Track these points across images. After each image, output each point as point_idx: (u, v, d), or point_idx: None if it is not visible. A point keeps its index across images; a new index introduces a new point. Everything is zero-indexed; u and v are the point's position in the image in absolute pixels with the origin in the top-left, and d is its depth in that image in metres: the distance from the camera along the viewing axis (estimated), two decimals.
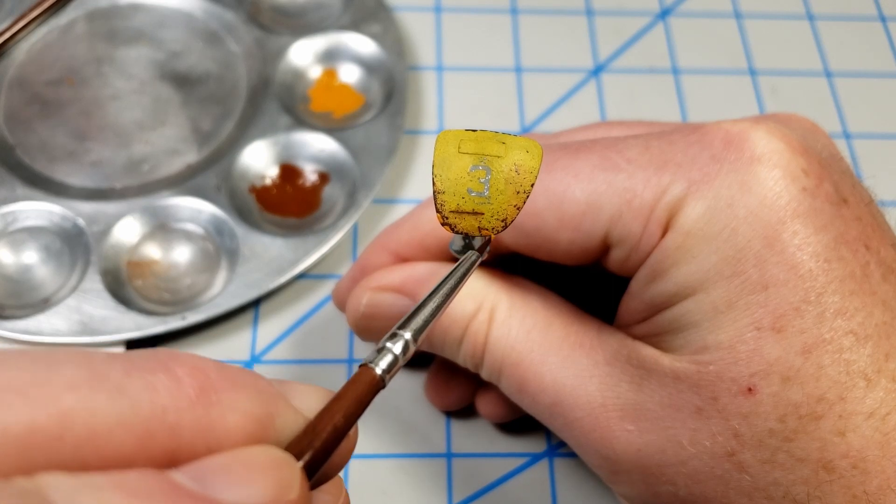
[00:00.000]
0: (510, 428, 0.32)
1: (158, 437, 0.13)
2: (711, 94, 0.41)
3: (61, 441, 0.12)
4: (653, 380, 0.23)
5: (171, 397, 0.13)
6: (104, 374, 0.13)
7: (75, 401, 0.13)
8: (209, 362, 0.15)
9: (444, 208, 0.21)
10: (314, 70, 0.40)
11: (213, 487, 0.13)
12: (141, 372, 0.14)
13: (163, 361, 0.14)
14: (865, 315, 0.21)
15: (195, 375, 0.14)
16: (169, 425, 0.13)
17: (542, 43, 0.43)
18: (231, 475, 0.13)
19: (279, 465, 0.14)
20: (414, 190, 0.38)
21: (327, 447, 0.15)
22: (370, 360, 0.17)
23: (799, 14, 0.45)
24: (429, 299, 0.19)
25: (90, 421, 0.13)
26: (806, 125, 0.26)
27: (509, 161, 0.20)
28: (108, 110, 0.38)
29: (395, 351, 0.17)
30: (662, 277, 0.23)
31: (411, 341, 0.17)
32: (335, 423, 0.15)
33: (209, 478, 0.13)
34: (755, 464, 0.21)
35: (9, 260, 0.34)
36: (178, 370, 0.14)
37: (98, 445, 0.13)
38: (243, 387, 0.15)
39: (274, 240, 0.34)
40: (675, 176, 0.23)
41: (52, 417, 0.12)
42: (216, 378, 0.14)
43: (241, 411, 0.14)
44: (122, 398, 0.13)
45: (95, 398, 0.13)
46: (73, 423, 0.12)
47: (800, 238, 0.21)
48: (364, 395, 0.16)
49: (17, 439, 0.12)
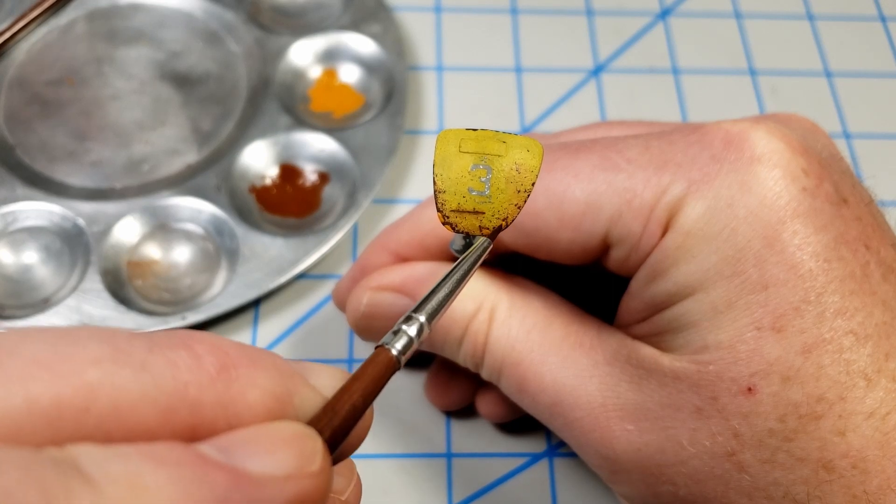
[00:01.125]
0: (510, 428, 0.32)
1: (180, 412, 0.13)
2: (711, 94, 0.41)
3: (87, 414, 0.13)
4: (652, 380, 0.23)
5: (193, 374, 0.14)
6: (127, 350, 0.13)
7: (100, 375, 0.13)
8: (228, 341, 0.15)
9: (444, 207, 0.21)
10: (314, 70, 0.40)
11: (239, 458, 0.13)
12: (162, 349, 0.14)
13: (183, 339, 0.14)
14: (865, 315, 0.21)
15: (215, 353, 0.14)
16: (190, 401, 0.14)
17: (542, 43, 0.43)
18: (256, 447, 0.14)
19: (302, 438, 0.14)
20: (414, 190, 0.38)
21: (346, 426, 0.16)
22: (386, 342, 0.17)
23: (799, 14, 0.45)
24: (443, 283, 0.19)
25: (114, 395, 0.13)
26: (806, 125, 0.26)
27: (510, 160, 0.20)
28: (108, 110, 0.38)
29: (411, 333, 0.17)
30: (662, 277, 0.23)
31: (426, 324, 0.18)
32: (353, 402, 0.16)
33: (234, 449, 0.13)
34: (755, 463, 0.21)
35: (9, 260, 0.34)
36: (198, 348, 0.14)
37: (122, 419, 0.13)
38: (262, 365, 0.15)
39: (274, 240, 0.34)
40: (675, 176, 0.23)
41: (77, 391, 0.13)
42: (235, 356, 0.15)
43: (260, 388, 0.15)
44: (144, 374, 0.13)
45: (119, 373, 0.13)
46: (98, 396, 0.13)
47: (800, 238, 0.21)
48: (381, 376, 0.16)
49: (45, 411, 0.12)
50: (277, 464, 0.13)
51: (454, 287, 0.19)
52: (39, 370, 0.12)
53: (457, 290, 0.19)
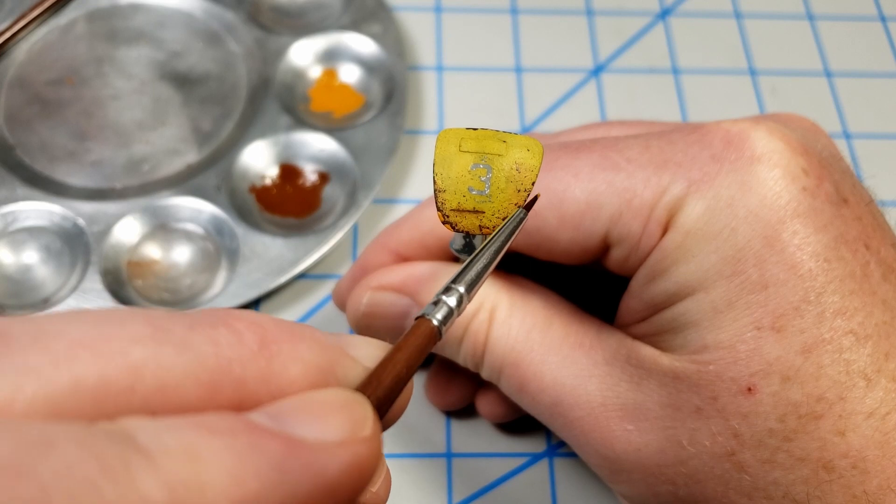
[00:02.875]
0: (510, 428, 0.32)
1: (225, 389, 0.14)
2: (711, 94, 0.41)
3: (133, 392, 0.13)
4: (652, 379, 0.23)
5: (235, 350, 0.14)
6: (169, 330, 0.13)
7: (143, 354, 0.13)
8: (266, 317, 0.15)
9: (445, 207, 0.21)
10: (314, 70, 0.40)
11: (291, 425, 0.13)
12: (203, 327, 0.14)
13: (222, 317, 0.14)
14: (865, 315, 0.21)
15: (255, 330, 0.14)
16: (234, 377, 0.14)
17: (542, 43, 0.43)
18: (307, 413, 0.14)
19: (353, 404, 0.14)
20: (414, 190, 0.38)
21: (391, 395, 0.16)
22: (427, 313, 0.17)
23: (799, 14, 0.45)
24: (480, 255, 0.19)
25: (159, 373, 0.13)
26: (806, 125, 0.26)
27: (510, 159, 0.20)
28: (108, 110, 0.38)
29: (451, 303, 0.17)
30: (662, 277, 0.23)
31: (465, 294, 0.18)
32: (398, 371, 0.16)
33: (285, 417, 0.13)
34: (755, 463, 0.21)
35: (9, 260, 0.34)
36: (237, 325, 0.14)
37: (168, 397, 0.13)
38: (302, 339, 0.15)
39: (274, 240, 0.34)
40: (675, 175, 0.23)
41: (122, 370, 0.13)
42: (275, 331, 0.15)
43: (302, 362, 0.15)
44: (187, 352, 0.13)
45: (162, 351, 0.13)
46: (142, 375, 0.13)
47: (800, 238, 0.21)
48: (423, 345, 0.17)
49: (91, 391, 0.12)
50: (330, 430, 0.13)
51: (492, 258, 0.19)
52: (84, 351, 0.13)
53: (494, 261, 0.19)
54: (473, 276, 0.18)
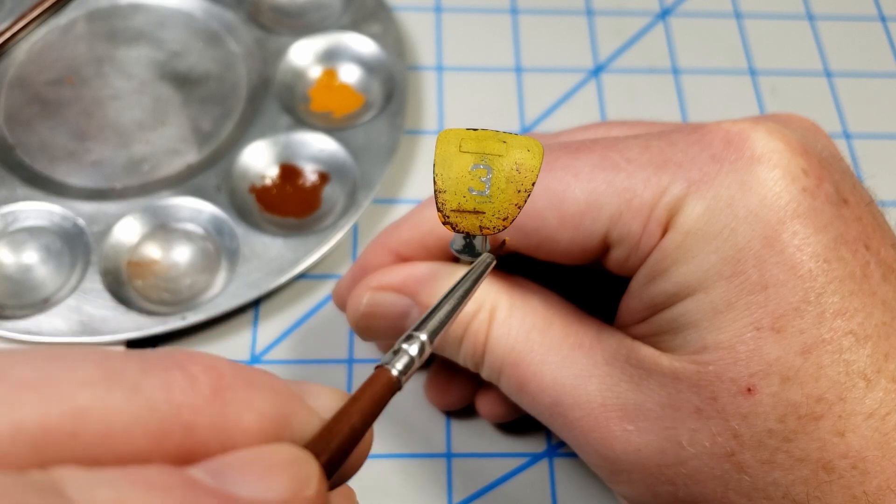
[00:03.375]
0: (510, 428, 0.32)
1: (174, 435, 0.13)
2: (711, 94, 0.41)
3: (76, 438, 0.12)
4: (652, 380, 0.23)
5: (187, 396, 0.13)
6: (120, 372, 0.13)
7: (90, 398, 0.13)
8: (224, 362, 0.15)
9: (445, 207, 0.21)
10: (314, 70, 0.40)
11: (231, 483, 0.13)
12: (156, 370, 0.13)
13: (178, 360, 0.14)
14: (865, 315, 0.21)
15: (210, 374, 0.14)
16: (184, 424, 0.13)
17: (542, 43, 0.43)
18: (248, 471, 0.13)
19: (297, 462, 0.14)
20: (414, 190, 0.38)
21: (345, 448, 0.15)
22: (386, 362, 0.17)
23: (799, 14, 0.45)
24: (444, 301, 0.19)
25: (105, 419, 0.12)
26: (806, 125, 0.26)
27: (510, 160, 0.20)
28: (108, 110, 0.38)
29: (412, 353, 0.17)
30: (662, 277, 0.23)
31: (427, 342, 0.17)
32: (353, 424, 0.15)
33: (226, 473, 0.13)
34: (754, 464, 0.21)
35: (9, 260, 0.34)
36: (193, 369, 0.14)
37: (113, 443, 0.13)
38: (259, 386, 0.15)
39: (274, 240, 0.34)
40: (674, 176, 0.23)
41: (66, 415, 0.12)
42: (231, 377, 0.14)
43: (256, 411, 0.14)
44: (137, 396, 0.13)
45: (111, 396, 0.13)
46: (87, 420, 0.12)
47: (799, 238, 0.21)
48: (381, 397, 0.16)
49: (31, 436, 0.12)
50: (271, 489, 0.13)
51: (456, 304, 0.19)
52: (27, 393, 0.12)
53: (459, 307, 0.19)
54: (437, 324, 0.18)
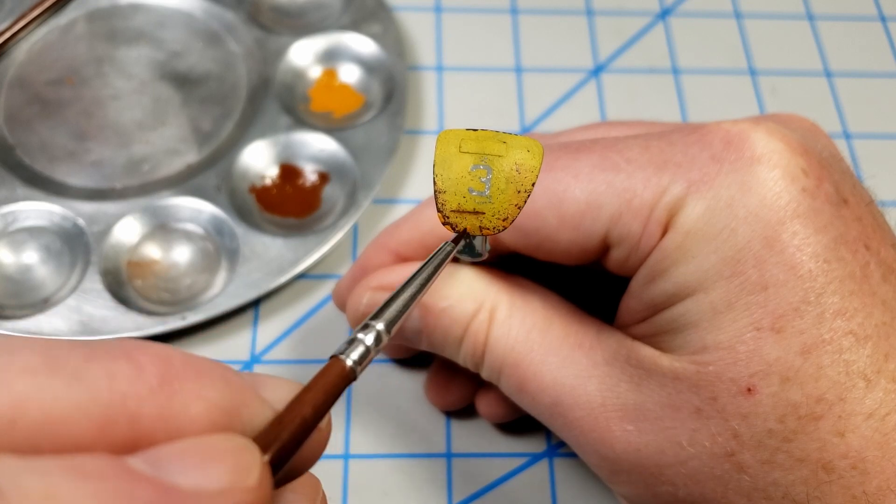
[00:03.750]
0: (510, 428, 0.32)
1: (118, 425, 0.13)
2: (711, 94, 0.41)
3: (14, 426, 0.12)
4: (652, 380, 0.23)
5: (132, 385, 0.13)
6: (62, 361, 0.13)
7: (29, 386, 0.12)
8: (176, 352, 0.14)
9: (445, 208, 0.21)
10: (314, 70, 0.40)
11: (169, 472, 0.13)
12: (101, 359, 0.13)
13: (126, 349, 0.14)
14: (865, 315, 0.21)
15: (158, 364, 0.14)
16: (129, 413, 0.13)
17: (542, 43, 0.43)
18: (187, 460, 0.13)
19: (238, 451, 0.14)
20: (414, 190, 0.38)
21: (295, 439, 0.15)
22: (341, 352, 0.16)
23: (799, 14, 0.45)
24: (403, 290, 0.18)
25: (45, 407, 0.12)
26: (806, 125, 0.26)
27: (510, 160, 0.20)
28: (108, 110, 0.38)
29: (367, 342, 0.17)
30: (662, 277, 0.23)
31: (384, 332, 0.17)
32: (303, 415, 0.15)
33: (165, 462, 0.13)
34: (754, 464, 0.21)
35: (9, 260, 0.34)
36: (140, 358, 0.14)
37: (53, 432, 0.12)
38: (209, 377, 0.14)
39: (274, 240, 0.34)
40: (674, 176, 0.23)
41: (3, 403, 0.12)
42: (180, 367, 0.14)
43: (205, 400, 0.14)
44: (79, 384, 0.13)
45: (51, 384, 0.13)
46: (27, 408, 0.12)
47: (799, 238, 0.21)
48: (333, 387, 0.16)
49: None
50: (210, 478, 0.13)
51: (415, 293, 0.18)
52: None
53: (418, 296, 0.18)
54: (394, 313, 0.18)
